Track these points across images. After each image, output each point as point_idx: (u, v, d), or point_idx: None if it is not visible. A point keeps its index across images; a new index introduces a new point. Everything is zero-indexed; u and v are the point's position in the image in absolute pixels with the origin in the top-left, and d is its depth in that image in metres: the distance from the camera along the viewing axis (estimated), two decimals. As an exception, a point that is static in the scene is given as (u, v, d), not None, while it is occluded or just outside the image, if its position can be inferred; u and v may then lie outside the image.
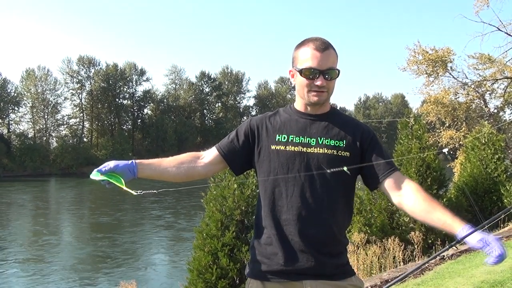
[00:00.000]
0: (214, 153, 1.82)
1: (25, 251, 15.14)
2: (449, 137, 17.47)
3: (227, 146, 1.81)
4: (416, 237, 6.76)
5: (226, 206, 5.24)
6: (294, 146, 1.69)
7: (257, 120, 1.82)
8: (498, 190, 8.64)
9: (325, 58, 1.64)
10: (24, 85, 59.09)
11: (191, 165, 1.81)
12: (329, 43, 1.67)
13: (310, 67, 1.64)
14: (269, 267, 1.69)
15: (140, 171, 1.74)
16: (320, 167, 1.66)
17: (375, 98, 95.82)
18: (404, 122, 8.40)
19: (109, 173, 1.69)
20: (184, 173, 1.81)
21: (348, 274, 1.70)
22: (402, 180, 1.67)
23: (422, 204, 1.59)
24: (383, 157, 1.71)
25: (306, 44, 1.68)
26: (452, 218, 1.50)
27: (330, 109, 1.78)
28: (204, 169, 1.82)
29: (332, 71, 1.65)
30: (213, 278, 4.88)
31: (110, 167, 1.69)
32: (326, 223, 1.65)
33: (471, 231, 1.42)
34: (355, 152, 1.69)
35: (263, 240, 1.72)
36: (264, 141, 1.75)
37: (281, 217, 1.67)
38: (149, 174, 1.77)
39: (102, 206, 26.92)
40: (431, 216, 1.55)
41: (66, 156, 55.59)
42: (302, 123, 1.73)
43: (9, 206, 26.52)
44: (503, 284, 4.33)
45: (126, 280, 6.37)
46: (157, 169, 1.79)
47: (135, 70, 68.50)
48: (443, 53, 17.36)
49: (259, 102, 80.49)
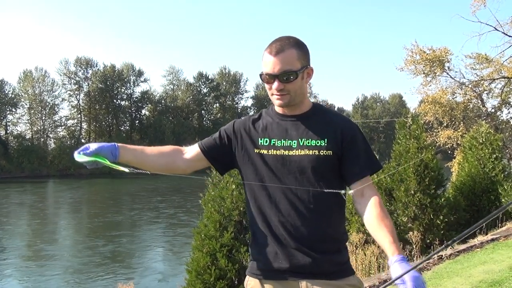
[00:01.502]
0: (196, 150, 1.81)
1: (24, 252, 15.11)
2: (447, 137, 17.51)
3: (210, 144, 1.80)
4: (414, 237, 6.76)
5: (224, 207, 5.23)
6: (276, 150, 1.68)
7: (240, 122, 1.81)
8: (496, 189, 8.65)
9: (278, 62, 1.61)
10: (21, 86, 58.96)
11: (172, 158, 1.82)
12: (287, 44, 1.63)
13: (266, 72, 1.65)
14: (266, 265, 1.69)
15: (121, 154, 1.72)
16: (304, 169, 1.65)
17: (373, 98, 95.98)
18: (402, 122, 8.41)
19: (94, 155, 1.67)
20: (164, 165, 1.80)
21: (347, 273, 1.69)
22: (366, 190, 1.68)
23: (372, 220, 1.61)
24: (361, 157, 1.69)
25: (266, 48, 1.66)
26: (390, 244, 1.53)
27: (311, 108, 1.75)
28: (185, 164, 1.82)
29: (287, 73, 1.62)
30: (211, 279, 4.87)
31: (94, 148, 1.68)
32: (316, 223, 1.65)
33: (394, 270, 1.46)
34: (337, 149, 1.67)
35: (258, 240, 1.73)
36: (247, 145, 1.74)
37: (271, 220, 1.68)
38: (129, 159, 1.75)
39: (100, 207, 26.88)
40: (375, 234, 1.60)
41: (64, 158, 55.43)
42: (283, 126, 1.72)
43: (7, 208, 26.44)
44: (501, 284, 4.34)
45: (124, 282, 6.36)
46: (138, 155, 1.78)
47: (132, 71, 68.42)
48: (440, 53, 17.39)
49: (257, 103, 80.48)
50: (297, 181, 1.66)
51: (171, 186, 37.53)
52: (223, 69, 78.37)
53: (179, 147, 1.88)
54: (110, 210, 25.18)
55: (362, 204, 1.66)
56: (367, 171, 1.70)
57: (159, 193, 33.85)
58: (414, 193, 7.49)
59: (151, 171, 1.78)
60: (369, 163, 1.71)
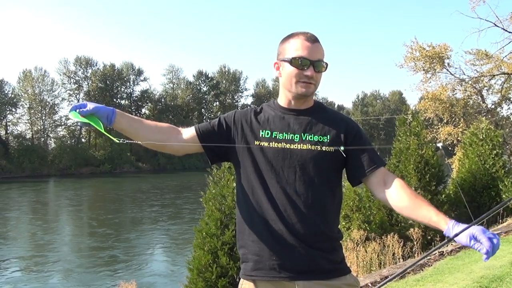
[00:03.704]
0: (192, 133, 1.78)
1: (25, 251, 15.11)
2: (447, 133, 17.51)
3: (206, 130, 1.77)
4: (415, 233, 6.77)
5: (225, 205, 5.24)
6: (278, 143, 1.67)
7: (241, 113, 1.79)
8: (496, 185, 8.67)
9: (316, 49, 1.64)
10: (21, 86, 58.88)
11: (167, 136, 1.77)
12: (317, 38, 1.67)
13: (302, 56, 1.62)
14: (259, 264, 1.65)
15: (117, 120, 1.69)
16: (305, 163, 1.64)
17: (373, 95, 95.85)
18: (402, 119, 8.41)
19: (88, 115, 1.62)
20: (158, 141, 1.74)
21: (343, 272, 1.67)
22: (387, 176, 1.66)
23: (407, 200, 1.57)
24: (368, 152, 1.69)
25: (295, 36, 1.67)
26: (437, 215, 1.50)
27: (314, 104, 1.76)
28: (178, 145, 1.78)
29: (321, 63, 1.65)
30: (213, 277, 4.88)
31: (91, 108, 1.64)
32: (313, 220, 1.62)
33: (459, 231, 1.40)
34: (339, 146, 1.66)
35: (251, 238, 1.68)
36: (247, 136, 1.72)
37: (267, 215, 1.64)
38: (124, 128, 1.72)
39: (101, 206, 26.90)
40: (417, 212, 1.55)
41: (64, 157, 55.50)
42: (286, 119, 1.71)
43: (8, 207, 26.46)
44: (502, 279, 4.35)
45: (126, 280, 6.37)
46: (133, 125, 1.75)
47: (132, 70, 68.39)
48: (440, 50, 17.38)
49: (257, 101, 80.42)
50: (297, 175, 1.64)
51: (172, 185, 37.58)
52: (223, 68, 78.39)
53: (175, 127, 1.83)
54: (111, 208, 25.21)
55: (388, 191, 1.62)
56: (381, 163, 1.69)
57: (160, 191, 33.88)
58: (414, 190, 7.49)
59: (143, 142, 1.73)
60: (378, 157, 1.72)
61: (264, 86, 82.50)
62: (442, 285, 4.45)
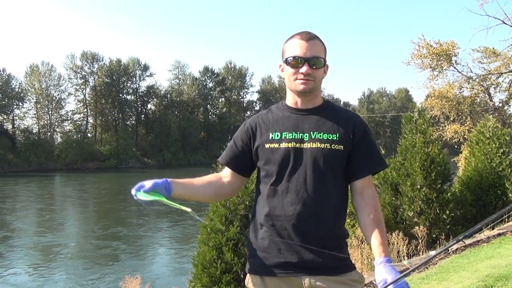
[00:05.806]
0: (230, 172, 1.86)
1: (30, 246, 15.23)
2: (453, 131, 17.42)
3: (233, 159, 1.85)
4: (420, 231, 6.75)
5: (230, 201, 5.24)
6: (288, 143, 1.70)
7: (251, 121, 1.85)
8: (503, 184, 8.60)
9: (310, 47, 1.68)
10: (28, 81, 59.18)
11: (219, 184, 1.86)
12: (315, 35, 1.72)
13: (295, 55, 1.67)
14: (267, 260, 1.69)
15: (174, 189, 1.74)
16: (315, 162, 1.67)
17: (379, 93, 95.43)
18: (408, 117, 8.36)
19: (151, 192, 1.67)
20: (213, 193, 1.87)
21: (348, 268, 1.70)
22: (366, 188, 1.72)
23: (366, 219, 1.67)
24: (369, 155, 1.73)
25: (293, 37, 1.72)
26: (378, 245, 1.60)
27: (322, 103, 1.79)
28: (229, 188, 1.88)
29: (317, 59, 1.68)
30: (217, 273, 4.90)
31: (150, 185, 1.68)
32: (322, 218, 1.66)
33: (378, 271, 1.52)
34: (348, 144, 1.70)
35: (260, 235, 1.72)
36: (259, 141, 1.77)
37: (277, 213, 1.68)
38: (181, 193, 1.79)
39: (107, 201, 27.05)
40: (366, 233, 1.67)
41: (70, 152, 55.77)
42: (294, 119, 1.74)
43: (14, 201, 26.68)
44: (507, 278, 4.32)
45: (131, 275, 6.40)
46: (188, 187, 1.82)
47: (138, 66, 68.45)
48: (447, 47, 17.27)
49: (262, 97, 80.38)
50: (307, 173, 1.67)
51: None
52: (229, 64, 78.30)
53: (217, 174, 1.93)
54: (117, 204, 25.33)
55: (360, 203, 1.71)
56: (369, 170, 1.74)
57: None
58: (420, 188, 7.46)
59: (201, 201, 1.89)
60: (373, 163, 1.75)
61: (270, 82, 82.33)
62: (447, 284, 4.44)
